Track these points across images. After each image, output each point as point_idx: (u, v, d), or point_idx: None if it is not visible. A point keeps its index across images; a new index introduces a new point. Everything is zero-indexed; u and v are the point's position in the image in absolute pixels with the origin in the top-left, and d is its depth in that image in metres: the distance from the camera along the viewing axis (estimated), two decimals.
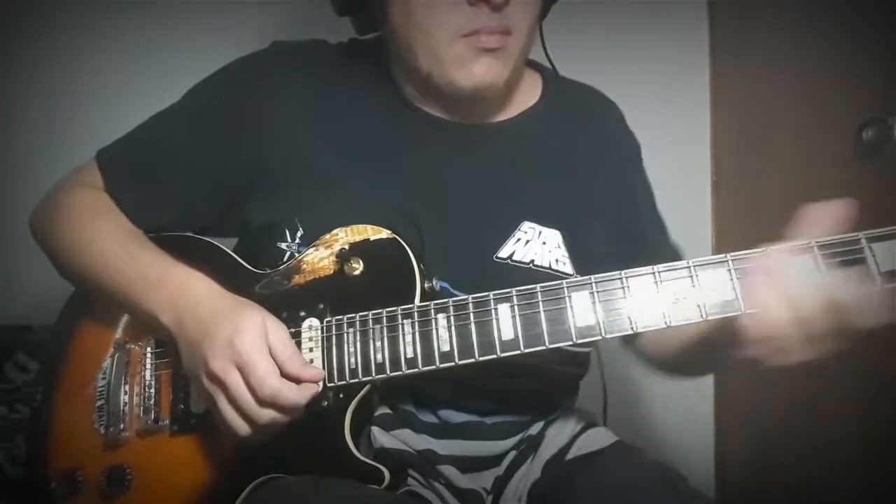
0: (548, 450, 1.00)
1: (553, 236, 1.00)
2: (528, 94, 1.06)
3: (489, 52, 0.90)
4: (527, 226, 0.99)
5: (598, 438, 1.01)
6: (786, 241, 0.78)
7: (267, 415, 0.82)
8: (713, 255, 0.80)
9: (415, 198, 0.97)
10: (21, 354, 1.50)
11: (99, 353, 0.99)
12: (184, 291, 0.89)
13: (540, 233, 0.99)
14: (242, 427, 0.83)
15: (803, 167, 1.55)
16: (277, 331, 0.85)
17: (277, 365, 0.83)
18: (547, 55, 1.09)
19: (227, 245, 1.03)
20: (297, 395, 0.83)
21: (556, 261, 0.99)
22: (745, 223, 1.73)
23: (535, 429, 1.02)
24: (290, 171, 0.97)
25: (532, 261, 0.98)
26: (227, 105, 1.00)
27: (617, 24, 1.75)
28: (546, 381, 1.02)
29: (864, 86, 1.37)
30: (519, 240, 0.99)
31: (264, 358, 0.82)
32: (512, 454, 1.00)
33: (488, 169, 1.01)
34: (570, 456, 0.99)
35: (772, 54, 1.65)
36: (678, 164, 1.80)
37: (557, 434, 1.02)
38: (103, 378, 0.97)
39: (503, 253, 0.98)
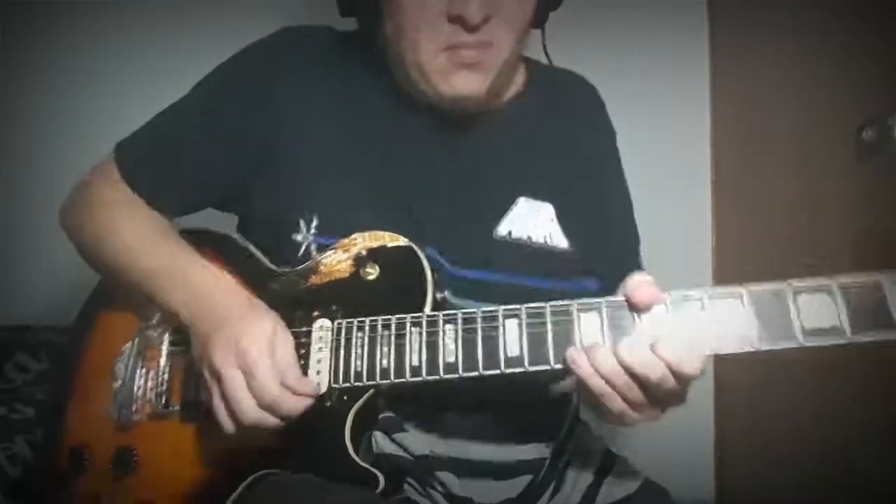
0: (572, 498, 0.98)
1: (547, 210, 1.02)
2: (515, 82, 1.08)
3: (467, 66, 0.93)
4: (522, 201, 1.02)
5: (624, 481, 0.99)
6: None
7: (256, 417, 0.83)
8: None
9: (414, 186, 0.99)
10: (21, 354, 1.50)
11: (119, 339, 1.01)
12: (199, 290, 0.91)
13: (534, 207, 1.02)
14: (228, 424, 0.84)
15: (803, 167, 1.55)
16: (284, 341, 0.86)
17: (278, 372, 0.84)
18: (547, 56, 1.09)
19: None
20: (294, 406, 0.84)
21: (550, 235, 1.01)
22: (745, 223, 1.72)
23: (544, 451, 1.00)
24: (301, 158, 0.99)
25: (529, 237, 1.00)
26: (238, 91, 1.01)
27: (617, 23, 1.75)
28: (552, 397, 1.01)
29: (864, 86, 1.37)
30: (515, 215, 1.01)
31: (268, 364, 0.83)
32: (527, 478, 0.98)
33: (481, 153, 1.03)
34: None
35: (772, 54, 1.65)
36: (678, 164, 1.81)
37: (578, 477, 1.00)
38: (121, 362, 0.99)
39: (502, 230, 1.00)
